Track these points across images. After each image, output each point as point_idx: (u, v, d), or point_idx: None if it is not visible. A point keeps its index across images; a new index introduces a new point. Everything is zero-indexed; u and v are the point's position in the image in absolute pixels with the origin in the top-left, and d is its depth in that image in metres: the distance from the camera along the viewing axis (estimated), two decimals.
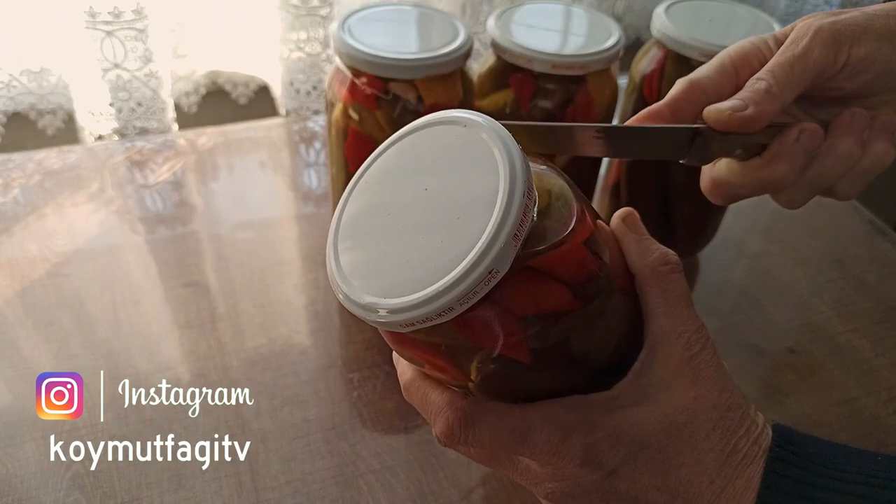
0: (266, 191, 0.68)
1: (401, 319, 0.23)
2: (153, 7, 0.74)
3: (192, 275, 0.58)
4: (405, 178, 0.27)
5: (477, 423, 0.28)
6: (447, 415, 0.28)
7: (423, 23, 0.51)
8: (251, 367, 0.51)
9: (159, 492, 0.43)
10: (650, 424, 0.28)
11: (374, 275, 0.25)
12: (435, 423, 0.29)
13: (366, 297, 0.24)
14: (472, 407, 0.28)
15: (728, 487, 0.28)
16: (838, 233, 0.69)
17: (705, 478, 0.28)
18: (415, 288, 0.23)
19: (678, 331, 0.29)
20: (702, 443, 0.28)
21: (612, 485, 0.28)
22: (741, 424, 0.29)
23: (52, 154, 0.69)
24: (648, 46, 0.55)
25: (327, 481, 0.44)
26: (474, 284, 0.23)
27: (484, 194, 0.24)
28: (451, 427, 0.28)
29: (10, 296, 0.54)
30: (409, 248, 0.25)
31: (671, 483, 0.28)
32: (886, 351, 0.57)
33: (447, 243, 0.24)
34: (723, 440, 0.28)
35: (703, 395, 0.28)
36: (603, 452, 0.28)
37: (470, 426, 0.28)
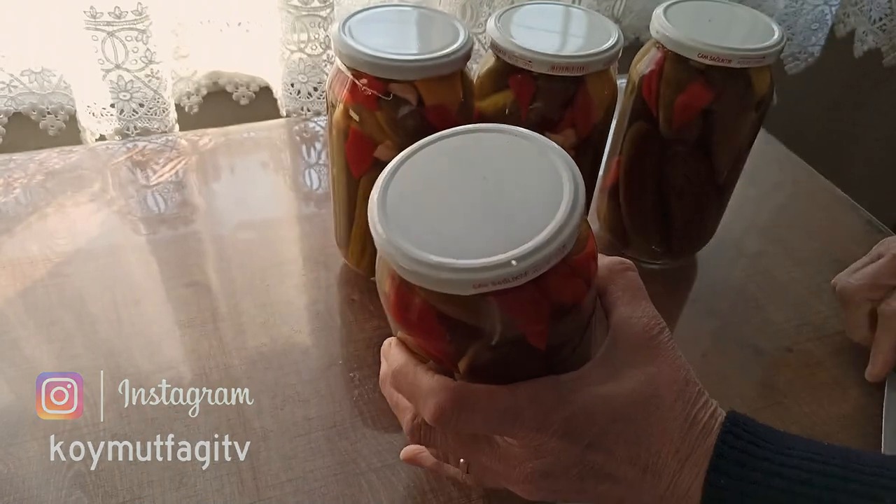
0: (267, 191, 0.68)
1: (476, 278, 0.26)
2: (154, 8, 0.74)
3: (194, 275, 0.58)
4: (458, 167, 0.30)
5: (470, 404, 0.29)
6: (440, 397, 0.29)
7: (424, 24, 0.51)
8: (252, 367, 0.51)
9: (161, 490, 0.43)
10: (619, 399, 0.31)
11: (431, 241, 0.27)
12: (424, 406, 0.30)
13: (431, 256, 0.26)
14: (464, 389, 0.30)
15: (691, 456, 0.30)
16: (837, 233, 0.69)
17: (671, 447, 0.30)
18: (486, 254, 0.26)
19: (637, 316, 0.32)
20: (666, 412, 0.31)
21: (589, 458, 0.30)
22: (699, 398, 0.32)
23: (54, 154, 0.69)
24: (647, 47, 0.55)
25: (328, 479, 0.44)
26: (550, 255, 0.26)
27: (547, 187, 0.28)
28: (443, 409, 0.29)
29: (12, 296, 0.55)
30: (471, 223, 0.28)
31: (642, 455, 0.30)
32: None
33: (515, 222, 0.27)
34: (684, 411, 0.31)
35: (664, 371, 0.31)
36: (580, 425, 0.30)
37: (463, 408, 0.29)
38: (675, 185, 0.57)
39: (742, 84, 0.52)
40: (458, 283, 0.26)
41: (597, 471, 0.31)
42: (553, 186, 0.28)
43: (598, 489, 0.31)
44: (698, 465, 0.30)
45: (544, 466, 0.31)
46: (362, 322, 0.55)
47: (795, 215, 0.72)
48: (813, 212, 0.72)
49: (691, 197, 0.58)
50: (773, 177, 0.77)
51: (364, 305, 0.56)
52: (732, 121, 0.53)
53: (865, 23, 1.13)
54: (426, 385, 0.30)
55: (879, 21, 1.12)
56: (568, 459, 0.30)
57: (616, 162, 0.59)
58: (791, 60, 1.13)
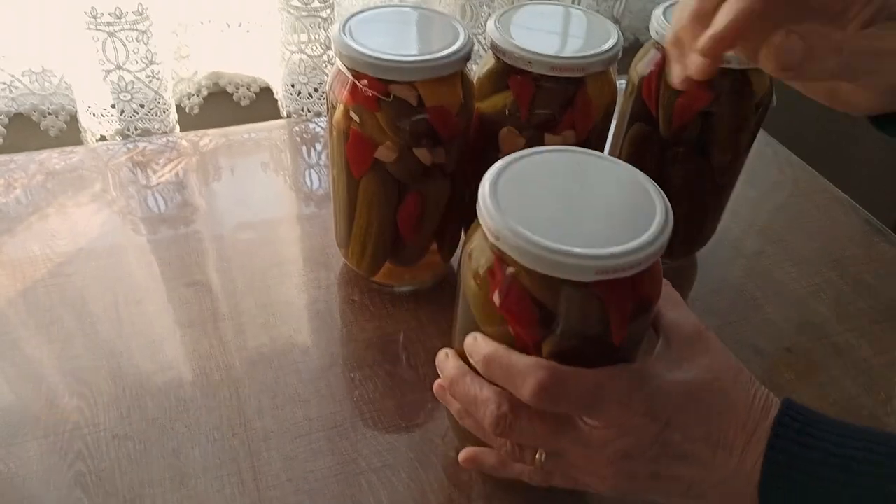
0: (268, 192, 0.68)
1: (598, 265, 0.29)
2: (155, 8, 0.75)
3: (194, 275, 0.58)
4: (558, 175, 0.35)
5: (564, 380, 0.32)
6: (540, 374, 0.31)
7: (424, 25, 0.51)
8: (253, 367, 0.51)
9: (161, 490, 0.43)
10: (685, 384, 0.33)
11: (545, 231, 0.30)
12: (524, 384, 0.32)
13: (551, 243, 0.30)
14: (559, 367, 0.32)
15: (756, 432, 0.32)
16: (836, 233, 0.70)
17: (738, 422, 0.33)
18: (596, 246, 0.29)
19: (683, 318, 0.36)
20: (729, 393, 0.34)
21: (667, 437, 0.33)
22: (753, 383, 0.35)
23: (55, 154, 0.69)
24: (647, 48, 0.55)
25: (329, 480, 0.44)
26: (656, 252, 0.30)
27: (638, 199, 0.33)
28: (543, 384, 0.31)
29: (13, 296, 0.55)
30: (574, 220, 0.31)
31: (713, 432, 0.33)
32: (884, 350, 0.57)
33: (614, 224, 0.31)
34: (744, 391, 0.34)
35: (718, 359, 0.35)
36: (659, 402, 0.33)
37: (560, 383, 0.32)
38: (675, 186, 0.57)
39: (741, 85, 0.52)
40: (580, 268, 0.29)
41: (672, 450, 0.33)
42: (643, 198, 0.33)
43: (672, 471, 0.33)
44: (761, 442, 0.32)
45: (626, 446, 0.33)
46: (362, 322, 0.55)
47: (795, 215, 0.72)
48: (812, 212, 0.72)
49: (691, 197, 0.58)
50: (773, 177, 0.77)
51: (364, 305, 0.57)
52: (732, 121, 0.53)
53: None
54: (524, 364, 0.32)
55: None
56: (647, 438, 0.33)
57: None
58: None
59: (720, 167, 0.56)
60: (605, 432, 0.33)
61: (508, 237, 0.30)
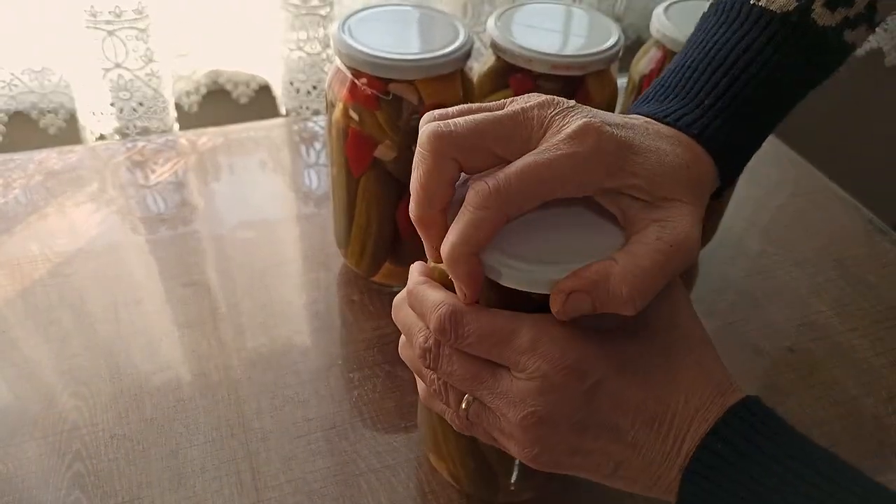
0: (267, 191, 0.68)
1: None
2: (154, 6, 0.74)
3: (193, 274, 0.58)
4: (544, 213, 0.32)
5: (467, 317, 0.30)
6: (442, 310, 0.30)
7: (424, 23, 0.51)
8: (252, 367, 0.51)
9: (160, 491, 0.43)
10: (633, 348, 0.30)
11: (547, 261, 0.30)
12: (431, 317, 0.31)
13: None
14: (466, 306, 0.30)
15: (702, 409, 0.29)
16: (838, 232, 0.69)
17: (681, 396, 0.29)
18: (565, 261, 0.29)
19: (666, 300, 0.31)
20: (679, 363, 0.30)
21: (596, 400, 0.29)
22: (716, 360, 0.31)
23: (53, 154, 0.69)
24: (648, 47, 0.55)
25: (328, 480, 0.44)
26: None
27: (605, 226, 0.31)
28: (441, 318, 0.30)
29: (11, 295, 0.55)
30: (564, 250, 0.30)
31: (650, 403, 0.29)
32: (886, 350, 0.57)
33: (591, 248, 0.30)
34: (698, 365, 0.30)
35: (681, 326, 0.31)
36: (589, 360, 0.29)
37: (462, 317, 0.30)
38: None
39: None
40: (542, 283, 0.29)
41: (601, 420, 0.29)
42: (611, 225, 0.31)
43: (598, 444, 0.30)
44: (708, 423, 0.28)
45: (546, 407, 0.29)
46: (362, 322, 0.55)
47: (797, 214, 0.71)
48: (814, 211, 0.72)
49: None
50: (775, 176, 0.77)
51: (364, 306, 0.56)
52: None
53: None
54: (434, 298, 0.31)
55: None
56: (572, 400, 0.29)
57: None
58: None
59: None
60: (524, 385, 0.29)
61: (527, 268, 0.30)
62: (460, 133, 0.29)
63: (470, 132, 0.29)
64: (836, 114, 1.34)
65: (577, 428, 0.30)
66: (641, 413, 0.29)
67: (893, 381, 0.54)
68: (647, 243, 0.29)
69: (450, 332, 0.30)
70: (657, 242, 0.29)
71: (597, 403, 0.29)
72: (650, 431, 0.29)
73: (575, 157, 0.28)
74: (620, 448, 0.30)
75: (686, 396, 0.29)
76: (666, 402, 0.29)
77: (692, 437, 0.28)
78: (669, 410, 0.29)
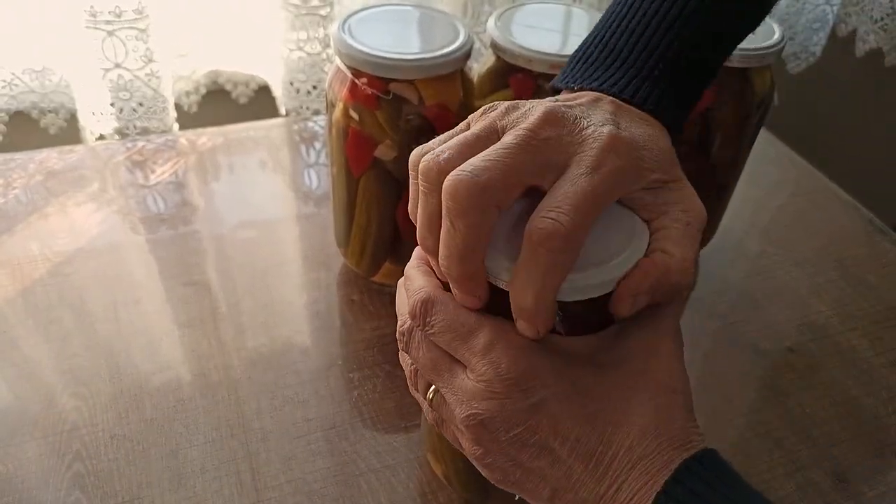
0: (267, 191, 0.68)
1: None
2: (154, 7, 0.74)
3: (193, 274, 0.58)
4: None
5: (437, 307, 0.30)
6: (419, 295, 0.31)
7: (424, 23, 0.51)
8: (252, 367, 0.51)
9: (160, 491, 0.43)
10: (591, 378, 0.29)
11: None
12: (410, 302, 0.31)
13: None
14: (442, 294, 0.31)
15: (644, 460, 0.27)
16: (838, 233, 0.69)
17: (625, 441, 0.27)
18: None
19: (651, 314, 0.31)
20: (636, 407, 0.28)
21: (534, 419, 0.28)
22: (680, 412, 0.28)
23: (54, 154, 0.69)
24: None
25: (328, 480, 0.44)
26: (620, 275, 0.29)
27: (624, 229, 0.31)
28: (415, 305, 0.31)
29: (12, 295, 0.55)
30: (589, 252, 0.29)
31: (592, 439, 0.28)
32: (886, 350, 0.57)
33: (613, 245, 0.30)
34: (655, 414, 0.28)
35: (653, 370, 0.29)
36: (538, 377, 0.28)
37: (430, 308, 0.30)
38: None
39: (742, 84, 0.52)
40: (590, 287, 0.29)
41: (539, 441, 0.28)
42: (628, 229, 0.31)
43: (534, 464, 0.29)
44: (650, 475, 0.27)
45: (487, 410, 0.28)
46: (362, 322, 0.55)
47: (796, 215, 0.71)
48: (814, 211, 0.72)
49: None
50: (775, 176, 0.77)
51: (364, 306, 0.56)
52: (733, 121, 0.53)
53: (867, 22, 1.13)
54: (417, 283, 0.32)
55: (881, 21, 1.12)
56: (511, 413, 0.28)
57: None
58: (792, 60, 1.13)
59: (721, 166, 0.56)
60: (471, 386, 0.29)
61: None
62: (497, 178, 0.28)
63: (504, 174, 0.28)
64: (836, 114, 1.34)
65: (516, 442, 0.29)
66: (579, 446, 0.28)
67: (893, 381, 0.54)
68: (680, 229, 0.30)
69: (419, 317, 0.31)
70: (688, 228, 0.30)
71: (535, 423, 0.28)
72: (585, 468, 0.28)
73: (620, 173, 0.28)
74: (557, 475, 0.28)
75: (632, 442, 0.27)
76: (608, 442, 0.27)
77: (630, 488, 0.27)
78: (609, 452, 0.27)
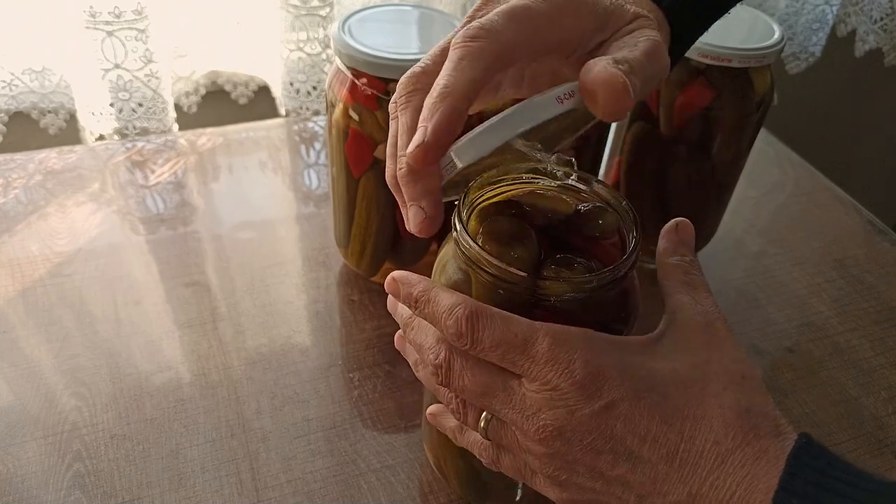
0: (266, 191, 0.68)
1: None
2: (154, 7, 0.74)
3: (193, 275, 0.58)
4: None
5: (483, 321, 0.28)
6: (458, 311, 0.28)
7: (424, 23, 0.51)
8: (252, 367, 0.51)
9: (160, 491, 0.43)
10: (660, 373, 0.28)
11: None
12: (445, 322, 0.29)
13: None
14: (483, 305, 0.29)
15: (735, 452, 0.26)
16: (838, 233, 0.69)
17: (710, 435, 0.26)
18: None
19: (694, 303, 0.30)
20: (711, 399, 0.27)
21: (607, 423, 0.27)
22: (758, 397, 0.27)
23: (53, 154, 0.69)
24: None
25: (328, 480, 0.44)
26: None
27: None
28: (459, 323, 0.28)
29: (12, 295, 0.55)
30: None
31: (672, 437, 0.26)
32: (886, 350, 0.57)
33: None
34: (734, 402, 0.27)
35: (716, 359, 0.28)
36: (606, 378, 0.27)
37: (476, 322, 0.28)
38: (676, 185, 0.57)
39: (742, 84, 0.52)
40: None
41: (615, 445, 0.27)
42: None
43: (615, 473, 0.27)
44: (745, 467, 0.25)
45: (557, 419, 0.27)
46: (362, 322, 0.55)
47: (797, 215, 0.72)
48: (814, 211, 0.72)
49: (691, 197, 0.58)
50: (775, 176, 0.77)
51: (364, 305, 0.56)
52: (733, 121, 0.53)
53: (866, 22, 1.13)
54: (449, 300, 0.29)
55: (880, 21, 1.12)
56: (582, 417, 0.27)
57: (616, 162, 0.59)
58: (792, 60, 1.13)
59: (721, 166, 0.56)
60: (537, 396, 0.28)
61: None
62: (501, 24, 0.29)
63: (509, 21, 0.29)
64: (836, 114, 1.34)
65: (591, 450, 0.27)
66: (659, 446, 0.26)
67: (893, 381, 0.54)
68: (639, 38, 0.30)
69: (466, 335, 0.28)
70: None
71: (609, 427, 0.27)
72: (670, 467, 0.26)
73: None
74: (641, 479, 0.27)
75: (717, 436, 0.26)
76: (689, 438, 0.26)
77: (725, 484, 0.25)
78: (694, 448, 0.26)
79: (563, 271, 0.30)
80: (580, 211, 0.33)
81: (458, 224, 0.31)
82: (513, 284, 0.29)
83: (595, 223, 0.33)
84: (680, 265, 0.33)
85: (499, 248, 0.30)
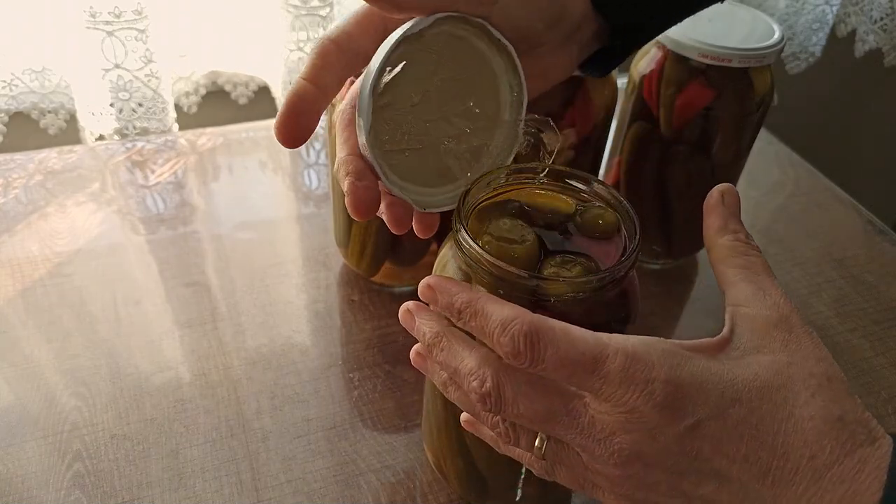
0: (266, 191, 0.68)
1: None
2: (154, 7, 0.74)
3: (193, 275, 0.58)
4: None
5: (543, 338, 0.25)
6: (515, 328, 0.25)
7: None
8: (252, 367, 0.51)
9: (160, 491, 0.43)
10: (742, 382, 0.25)
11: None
12: (500, 339, 0.26)
13: None
14: (543, 319, 0.26)
15: (833, 467, 0.24)
16: (837, 233, 0.69)
17: (805, 451, 0.24)
18: None
19: (761, 294, 0.27)
20: (800, 409, 0.24)
21: (692, 444, 0.25)
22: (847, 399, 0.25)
23: (53, 154, 0.69)
24: (648, 47, 0.55)
25: (328, 480, 0.44)
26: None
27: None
28: (517, 341, 0.25)
29: (12, 295, 0.55)
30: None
31: (763, 455, 0.24)
32: (886, 350, 0.57)
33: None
34: (825, 410, 0.24)
35: (798, 361, 0.26)
36: (688, 396, 0.24)
37: (536, 339, 0.25)
38: (676, 185, 0.57)
39: (742, 84, 0.52)
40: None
41: (701, 465, 0.25)
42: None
43: (699, 492, 0.25)
44: (846, 481, 0.23)
45: (635, 443, 0.25)
46: (362, 322, 0.55)
47: (797, 215, 0.72)
48: (814, 211, 0.72)
49: (691, 197, 0.58)
50: (775, 176, 0.77)
51: (364, 305, 0.56)
52: (733, 121, 0.53)
53: (866, 22, 1.13)
54: (499, 315, 0.26)
55: (880, 21, 1.12)
56: (665, 440, 0.25)
57: (616, 162, 0.59)
58: (792, 60, 1.13)
59: (721, 166, 0.56)
60: (609, 419, 0.25)
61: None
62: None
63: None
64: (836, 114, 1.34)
65: (674, 472, 0.25)
66: (749, 465, 0.24)
67: (893, 381, 0.54)
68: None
69: (525, 355, 0.25)
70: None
71: (694, 448, 0.25)
72: (762, 486, 0.24)
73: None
74: (729, 498, 0.25)
75: (812, 451, 0.24)
76: (783, 454, 0.24)
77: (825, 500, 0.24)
78: (788, 465, 0.24)
79: (563, 271, 0.30)
80: (580, 211, 0.33)
81: (458, 224, 0.31)
82: (513, 284, 0.29)
83: (595, 223, 0.33)
84: (735, 245, 0.29)
85: (499, 248, 0.30)
